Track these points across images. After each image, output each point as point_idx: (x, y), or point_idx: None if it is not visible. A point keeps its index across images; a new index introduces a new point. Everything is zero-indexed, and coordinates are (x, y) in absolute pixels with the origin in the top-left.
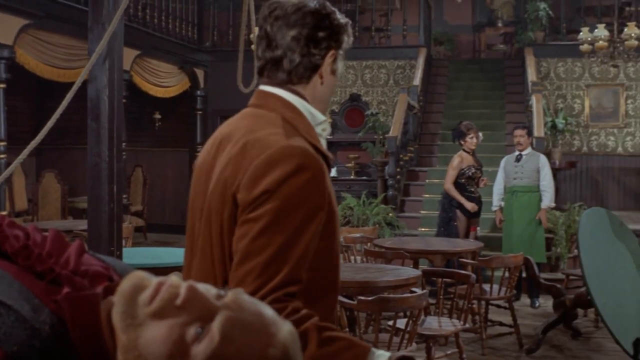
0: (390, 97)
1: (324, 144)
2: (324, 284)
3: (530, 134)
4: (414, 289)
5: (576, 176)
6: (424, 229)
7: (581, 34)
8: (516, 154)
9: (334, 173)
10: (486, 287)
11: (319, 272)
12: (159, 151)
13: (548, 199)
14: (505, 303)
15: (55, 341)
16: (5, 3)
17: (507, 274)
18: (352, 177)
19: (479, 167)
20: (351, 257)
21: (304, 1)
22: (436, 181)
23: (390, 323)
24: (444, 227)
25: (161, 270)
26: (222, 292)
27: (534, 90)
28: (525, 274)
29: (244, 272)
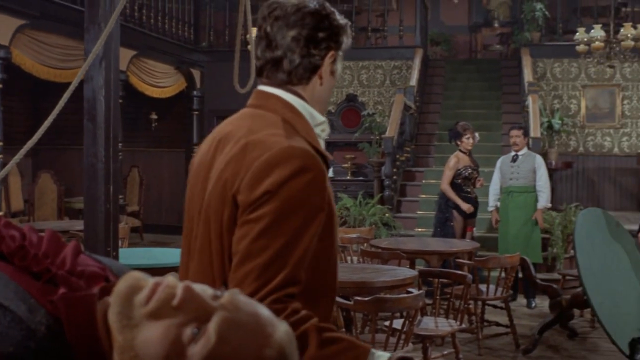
0: (387, 97)
1: (322, 144)
2: (322, 285)
3: (526, 134)
4: (410, 289)
5: (572, 177)
6: (420, 230)
7: (577, 34)
8: (512, 154)
9: (330, 173)
10: (482, 287)
11: (317, 273)
12: (155, 151)
13: (544, 199)
14: (501, 303)
15: (51, 342)
16: (1, 3)
17: (503, 274)
18: (348, 177)
19: (475, 168)
20: (347, 258)
21: (304, 1)
22: (433, 181)
23: (387, 323)
24: (440, 227)
25: (157, 271)
26: (219, 293)
27: (530, 91)
28: (522, 275)
29: (243, 273)
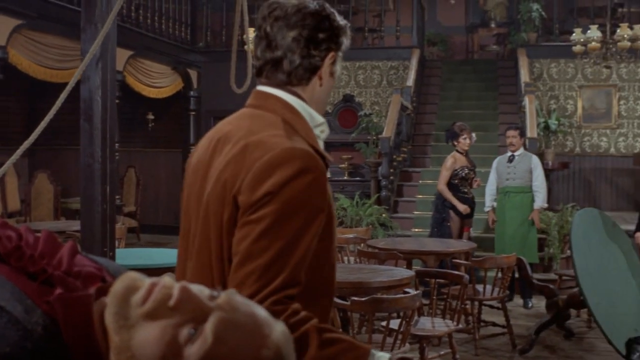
0: (384, 97)
1: (321, 145)
2: (321, 286)
3: (522, 134)
4: (407, 289)
5: (569, 177)
6: (417, 230)
7: (574, 35)
8: (508, 154)
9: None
10: (479, 287)
11: (317, 274)
12: (152, 152)
13: (540, 199)
14: (498, 303)
15: (47, 342)
16: None
17: (500, 274)
18: (345, 177)
19: (472, 168)
20: (344, 258)
21: (304, 2)
22: (429, 182)
23: (384, 324)
24: (437, 227)
25: (154, 271)
26: (215, 293)
27: (526, 91)
28: (518, 275)
29: (244, 274)
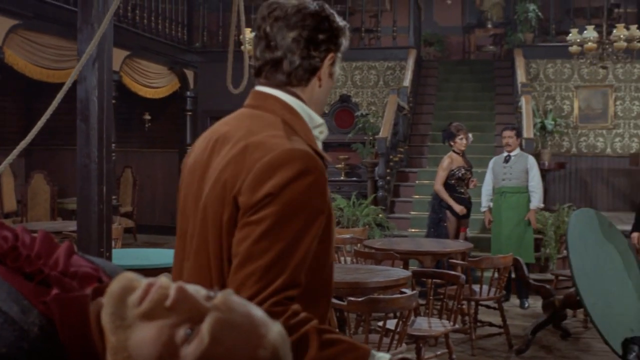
0: (380, 98)
1: (320, 146)
2: (319, 287)
3: (519, 135)
4: (403, 289)
5: (565, 177)
6: (413, 230)
7: (570, 35)
8: (505, 154)
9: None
10: (476, 287)
11: (316, 275)
12: (148, 152)
13: (537, 199)
14: (494, 304)
15: (44, 342)
16: None
17: (496, 274)
18: (342, 178)
19: (469, 168)
20: (341, 258)
21: (304, 3)
22: (426, 182)
23: (380, 324)
24: (433, 228)
25: (151, 272)
26: (212, 294)
27: (523, 92)
28: (515, 275)
29: (244, 275)
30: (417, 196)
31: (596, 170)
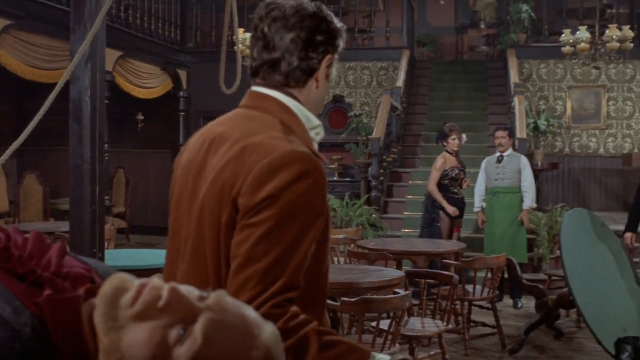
0: (374, 98)
1: (316, 148)
2: (317, 289)
3: (511, 135)
4: (397, 290)
5: (558, 177)
6: (407, 230)
7: (563, 36)
8: (497, 155)
9: None
10: (469, 288)
11: (314, 276)
12: (141, 153)
13: (530, 199)
14: (488, 304)
15: (36, 344)
16: None
17: (489, 275)
18: (335, 178)
19: (462, 169)
20: (335, 259)
21: (303, 4)
22: (419, 182)
23: (374, 324)
24: (427, 228)
25: (144, 273)
26: (205, 294)
27: (516, 92)
28: (508, 275)
29: (244, 278)
30: (410, 197)
31: (589, 170)
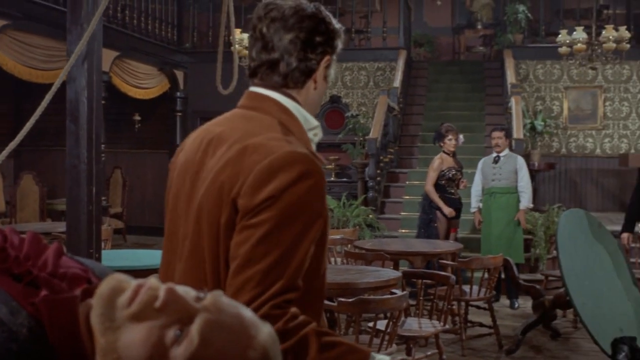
0: (371, 99)
1: (314, 148)
2: (315, 290)
3: (508, 135)
4: (394, 290)
5: (555, 178)
6: (404, 231)
7: (560, 36)
8: (494, 155)
9: None
10: (466, 288)
11: (313, 277)
12: (138, 153)
13: (526, 199)
14: (484, 304)
15: (33, 344)
16: None
17: (486, 275)
18: (332, 178)
19: (459, 169)
20: (331, 259)
21: (301, 4)
22: (416, 183)
23: (371, 324)
24: (424, 228)
25: (140, 273)
26: (201, 295)
27: (513, 92)
28: (505, 275)
29: (243, 279)
30: (407, 197)
31: (586, 170)
